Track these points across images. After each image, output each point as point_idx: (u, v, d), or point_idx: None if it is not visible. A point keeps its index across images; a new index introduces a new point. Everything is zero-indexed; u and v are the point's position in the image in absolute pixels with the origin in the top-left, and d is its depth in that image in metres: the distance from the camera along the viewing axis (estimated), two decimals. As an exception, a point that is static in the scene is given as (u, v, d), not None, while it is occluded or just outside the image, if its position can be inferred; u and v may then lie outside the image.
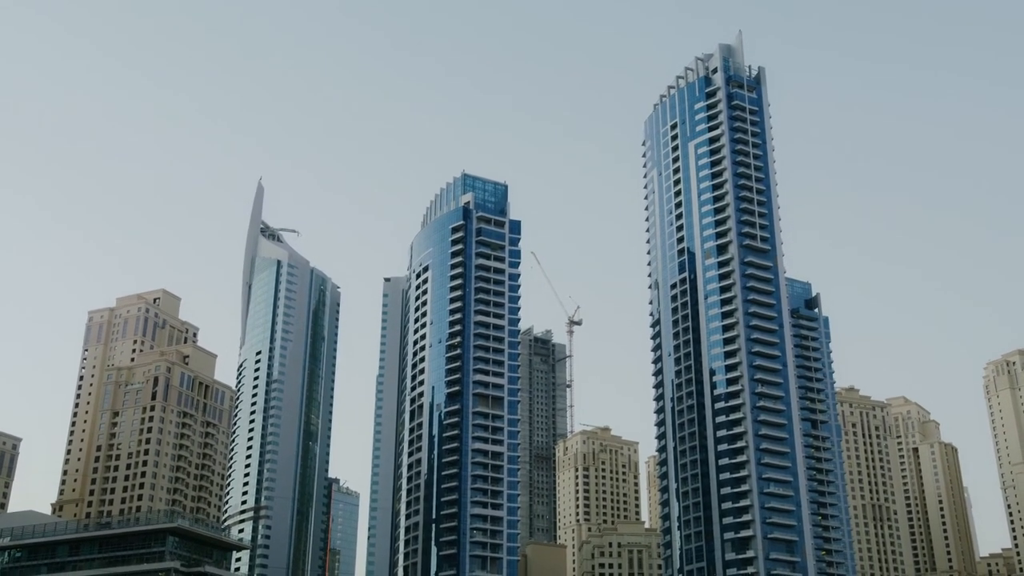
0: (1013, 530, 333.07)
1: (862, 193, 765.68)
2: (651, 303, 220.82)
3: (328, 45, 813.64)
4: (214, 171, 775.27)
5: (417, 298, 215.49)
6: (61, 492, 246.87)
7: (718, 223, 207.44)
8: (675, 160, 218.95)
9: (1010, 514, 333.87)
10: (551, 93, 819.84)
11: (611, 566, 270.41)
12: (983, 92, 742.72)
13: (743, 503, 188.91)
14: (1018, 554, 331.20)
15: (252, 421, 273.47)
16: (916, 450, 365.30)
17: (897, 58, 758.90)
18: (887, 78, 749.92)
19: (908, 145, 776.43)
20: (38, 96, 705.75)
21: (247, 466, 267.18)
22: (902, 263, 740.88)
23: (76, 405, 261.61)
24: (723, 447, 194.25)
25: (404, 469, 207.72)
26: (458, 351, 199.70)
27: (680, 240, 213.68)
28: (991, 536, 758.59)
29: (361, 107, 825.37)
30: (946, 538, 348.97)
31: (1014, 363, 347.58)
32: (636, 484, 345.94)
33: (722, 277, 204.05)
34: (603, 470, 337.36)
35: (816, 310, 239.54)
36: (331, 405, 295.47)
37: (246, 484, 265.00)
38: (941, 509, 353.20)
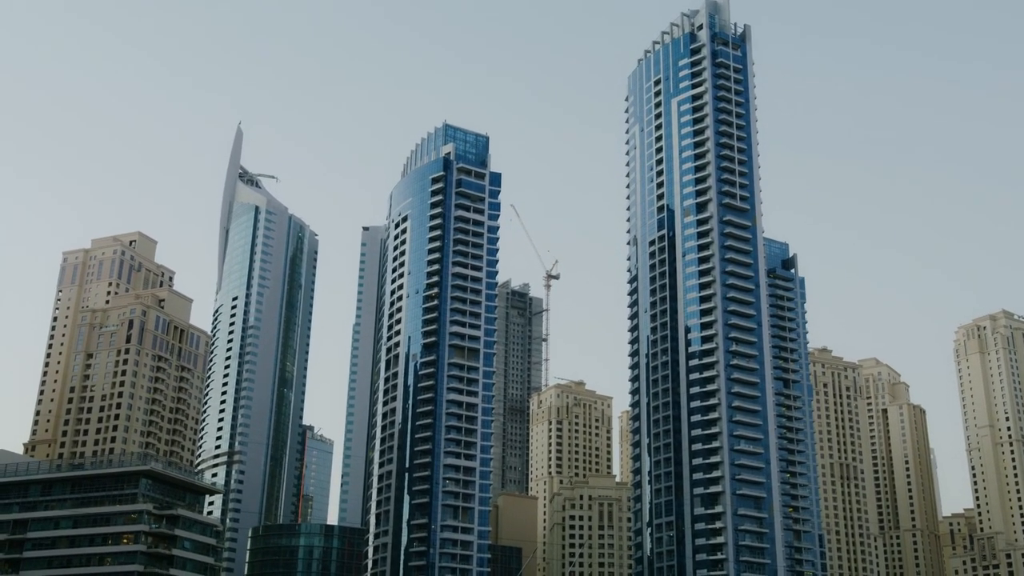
0: (976, 491, 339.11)
1: (842, 159, 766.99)
2: (629, 259, 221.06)
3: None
4: (193, 115, 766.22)
5: (395, 248, 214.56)
6: (33, 432, 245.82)
7: (698, 181, 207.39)
8: (658, 116, 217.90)
9: (973, 475, 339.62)
10: (535, 46, 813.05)
11: (582, 518, 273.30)
12: (964, 68, 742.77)
13: (713, 459, 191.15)
14: (979, 514, 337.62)
15: (227, 367, 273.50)
16: (885, 411, 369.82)
17: (879, 31, 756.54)
18: (871, 48, 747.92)
19: (888, 115, 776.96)
20: (18, 47, 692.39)
21: (221, 411, 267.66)
22: (878, 228, 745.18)
23: (49, 346, 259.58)
24: (696, 403, 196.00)
25: (379, 418, 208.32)
26: (435, 302, 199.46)
27: (660, 197, 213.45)
28: (954, 496, 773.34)
29: (343, 57, 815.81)
30: (910, 498, 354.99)
31: (984, 328, 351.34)
32: (608, 438, 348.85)
33: (700, 235, 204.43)
34: (576, 424, 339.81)
35: (792, 271, 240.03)
36: (307, 353, 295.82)
37: (220, 429, 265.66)
38: (907, 469, 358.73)
